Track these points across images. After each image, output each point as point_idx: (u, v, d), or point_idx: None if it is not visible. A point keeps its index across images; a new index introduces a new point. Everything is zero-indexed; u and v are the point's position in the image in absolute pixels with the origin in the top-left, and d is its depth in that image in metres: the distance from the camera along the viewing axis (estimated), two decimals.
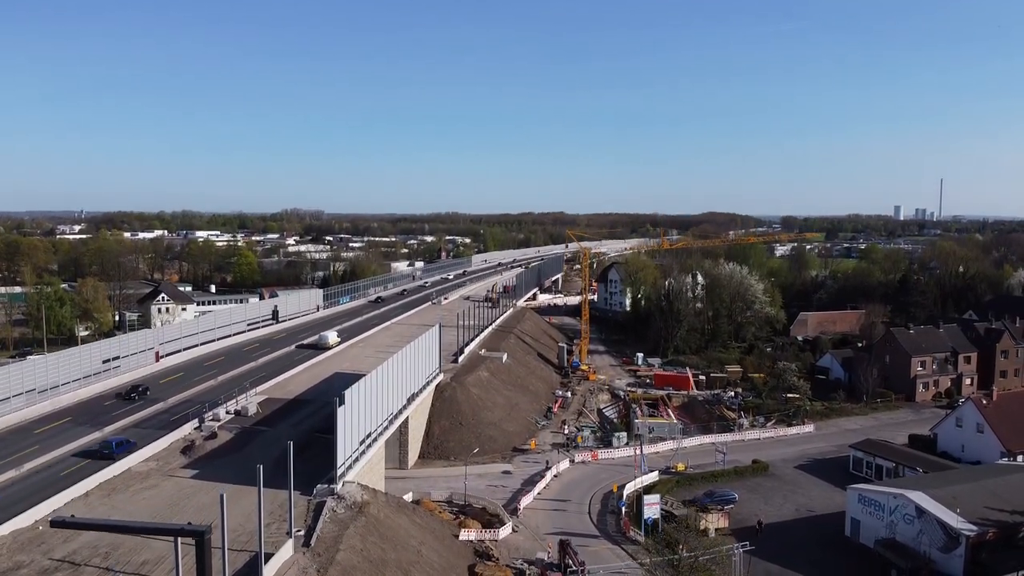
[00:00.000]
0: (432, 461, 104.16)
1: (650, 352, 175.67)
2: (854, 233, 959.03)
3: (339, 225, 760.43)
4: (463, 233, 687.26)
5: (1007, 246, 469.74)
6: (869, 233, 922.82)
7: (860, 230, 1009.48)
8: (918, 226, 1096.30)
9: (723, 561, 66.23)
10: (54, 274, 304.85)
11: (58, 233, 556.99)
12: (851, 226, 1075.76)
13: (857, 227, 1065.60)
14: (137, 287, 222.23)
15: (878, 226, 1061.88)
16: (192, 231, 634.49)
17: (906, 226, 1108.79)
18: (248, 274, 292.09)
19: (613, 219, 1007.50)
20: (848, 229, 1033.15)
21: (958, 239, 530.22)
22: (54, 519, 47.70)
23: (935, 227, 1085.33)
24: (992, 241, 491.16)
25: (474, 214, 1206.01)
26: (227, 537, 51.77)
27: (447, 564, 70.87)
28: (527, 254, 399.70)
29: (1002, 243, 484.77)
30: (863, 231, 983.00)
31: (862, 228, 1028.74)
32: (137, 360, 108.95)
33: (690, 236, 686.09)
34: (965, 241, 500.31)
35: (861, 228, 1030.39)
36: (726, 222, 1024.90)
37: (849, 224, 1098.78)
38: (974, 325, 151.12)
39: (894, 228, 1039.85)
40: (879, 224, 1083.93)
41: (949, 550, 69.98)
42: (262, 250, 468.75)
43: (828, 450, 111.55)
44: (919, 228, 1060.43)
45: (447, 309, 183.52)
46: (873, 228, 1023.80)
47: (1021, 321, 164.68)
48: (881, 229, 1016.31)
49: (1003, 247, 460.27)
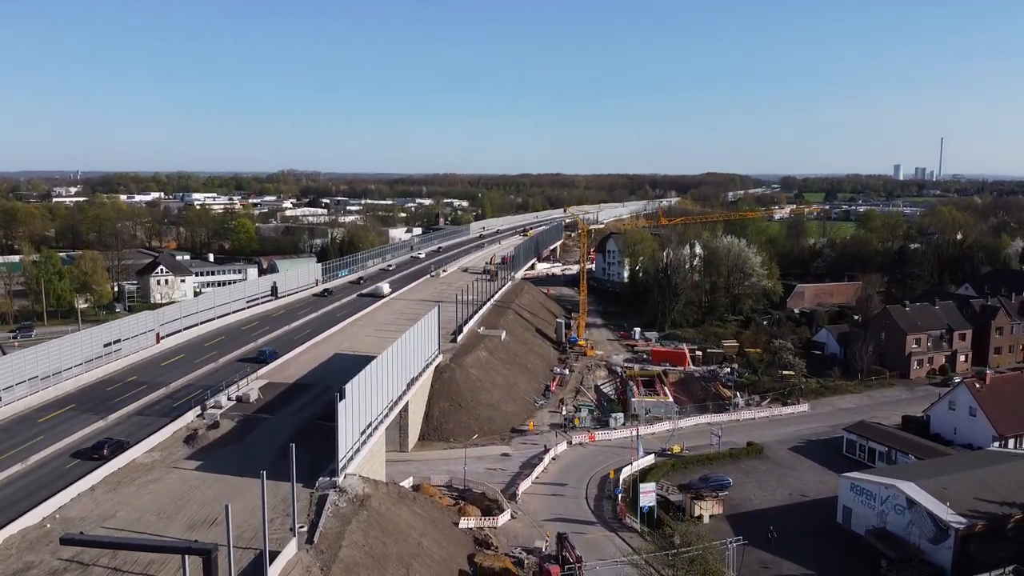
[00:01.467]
0: (432, 443, 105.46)
1: (647, 325, 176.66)
2: (853, 194, 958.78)
3: (336, 187, 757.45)
4: (460, 196, 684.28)
5: (1006, 210, 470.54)
6: (868, 194, 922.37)
7: (859, 191, 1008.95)
8: (917, 186, 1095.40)
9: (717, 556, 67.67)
10: (51, 242, 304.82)
11: (54, 196, 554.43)
12: (850, 186, 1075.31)
13: (856, 187, 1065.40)
14: (135, 257, 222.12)
15: (877, 186, 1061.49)
16: (189, 193, 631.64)
17: (905, 186, 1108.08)
18: (246, 242, 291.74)
19: (612, 180, 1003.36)
20: (847, 190, 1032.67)
21: (956, 202, 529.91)
22: (64, 537, 48.67)
23: (934, 187, 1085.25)
24: (991, 205, 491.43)
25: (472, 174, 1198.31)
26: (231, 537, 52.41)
27: (447, 555, 72.35)
28: (525, 220, 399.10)
29: (1000, 207, 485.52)
30: (862, 192, 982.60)
31: (861, 189, 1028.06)
32: (138, 342, 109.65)
33: (689, 198, 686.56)
34: (963, 205, 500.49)
35: (860, 189, 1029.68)
36: (725, 182, 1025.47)
37: (848, 184, 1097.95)
38: (970, 302, 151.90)
39: (893, 189, 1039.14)
40: (878, 184, 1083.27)
41: (938, 541, 71.51)
42: (259, 214, 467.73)
43: (822, 431, 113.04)
44: (918, 188, 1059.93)
45: (445, 282, 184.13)
46: (872, 189, 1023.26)
47: (1017, 296, 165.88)
48: (880, 190, 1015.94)
49: (1001, 211, 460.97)
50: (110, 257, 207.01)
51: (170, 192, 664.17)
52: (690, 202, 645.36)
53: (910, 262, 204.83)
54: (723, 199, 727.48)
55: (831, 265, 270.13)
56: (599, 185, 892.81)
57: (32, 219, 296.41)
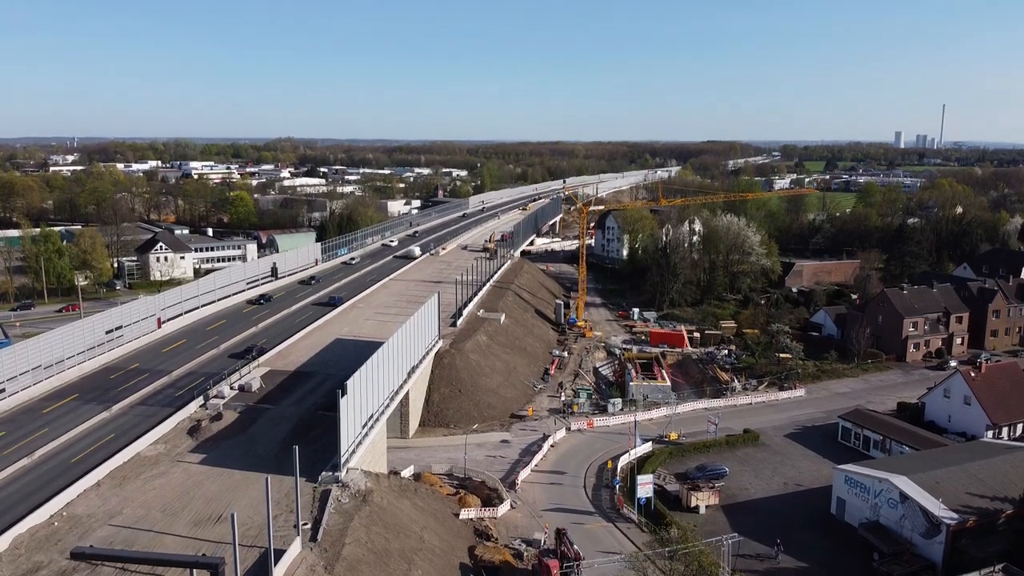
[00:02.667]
0: (432, 429, 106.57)
1: (646, 304, 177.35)
2: (854, 162, 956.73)
3: (334, 156, 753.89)
4: (459, 165, 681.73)
5: (1006, 181, 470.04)
6: (869, 163, 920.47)
7: (860, 159, 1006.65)
8: (918, 155, 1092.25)
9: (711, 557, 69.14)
10: (49, 215, 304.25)
11: (51, 164, 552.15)
12: (851, 154, 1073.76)
13: (857, 156, 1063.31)
14: (134, 233, 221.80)
15: (878, 155, 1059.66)
16: (186, 162, 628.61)
17: (906, 155, 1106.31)
18: (245, 216, 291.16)
19: (611, 149, 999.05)
20: (848, 158, 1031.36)
21: (957, 173, 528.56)
22: (74, 551, 49.58)
23: (935, 156, 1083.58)
24: (990, 177, 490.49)
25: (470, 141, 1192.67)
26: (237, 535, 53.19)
27: (448, 548, 73.66)
28: (524, 192, 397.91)
29: (1000, 178, 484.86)
30: (863, 160, 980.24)
31: (862, 157, 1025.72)
32: (140, 328, 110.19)
33: (689, 168, 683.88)
34: (963, 176, 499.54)
35: (861, 157, 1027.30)
36: (725, 151, 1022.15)
37: (849, 152, 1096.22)
38: (967, 285, 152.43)
39: (894, 157, 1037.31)
40: (879, 153, 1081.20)
41: (930, 536, 72.87)
42: (257, 184, 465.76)
43: (818, 417, 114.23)
44: (919, 157, 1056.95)
45: (444, 261, 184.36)
46: (873, 157, 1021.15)
47: (1015, 277, 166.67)
48: (881, 158, 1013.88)
49: (1001, 182, 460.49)
50: (109, 233, 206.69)
51: (167, 161, 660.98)
52: (690, 172, 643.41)
53: (909, 240, 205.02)
54: (723, 168, 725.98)
55: (830, 241, 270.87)
56: (599, 154, 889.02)
57: (30, 192, 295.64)
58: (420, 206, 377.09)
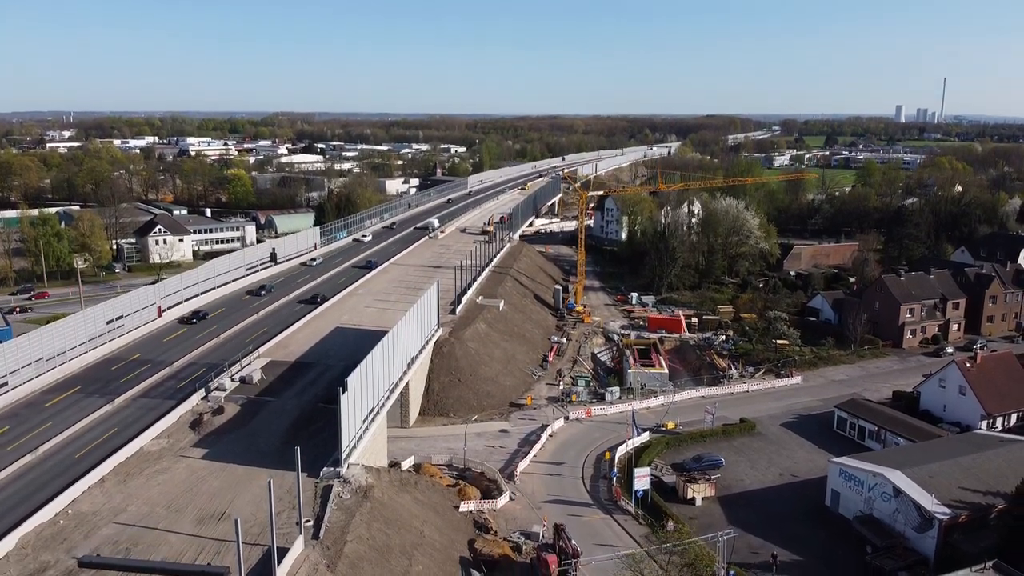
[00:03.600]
0: (432, 418, 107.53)
1: (644, 288, 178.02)
2: (854, 137, 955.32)
3: (331, 131, 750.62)
4: (458, 141, 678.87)
5: (1005, 158, 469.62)
6: (869, 138, 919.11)
7: (860, 134, 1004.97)
8: (919, 130, 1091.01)
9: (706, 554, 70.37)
10: (47, 194, 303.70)
11: (47, 141, 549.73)
12: (851, 129, 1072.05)
13: (857, 130, 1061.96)
14: (133, 214, 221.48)
15: (878, 130, 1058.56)
16: (183, 138, 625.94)
17: (906, 129, 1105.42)
18: (243, 195, 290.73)
19: (611, 124, 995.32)
20: (848, 133, 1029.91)
21: (956, 149, 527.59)
22: (82, 559, 50.43)
23: (935, 130, 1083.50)
24: (990, 154, 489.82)
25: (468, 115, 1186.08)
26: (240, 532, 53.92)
27: (448, 542, 74.80)
28: (523, 170, 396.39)
29: (1000, 155, 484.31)
30: (863, 135, 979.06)
31: (862, 132, 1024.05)
32: (140, 317, 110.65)
33: (689, 144, 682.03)
34: (963, 153, 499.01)
35: (861, 132, 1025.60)
36: (725, 125, 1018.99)
37: (849, 127, 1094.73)
38: (965, 270, 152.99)
39: (894, 132, 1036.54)
40: (879, 128, 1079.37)
41: (923, 531, 74.04)
42: (254, 160, 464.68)
43: (814, 405, 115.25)
44: (919, 132, 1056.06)
45: (443, 245, 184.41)
46: (873, 132, 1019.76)
47: (1012, 261, 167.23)
48: (881, 133, 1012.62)
49: (1001, 160, 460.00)
50: (107, 215, 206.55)
51: (164, 137, 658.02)
52: (690, 148, 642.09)
53: (907, 223, 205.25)
54: (723, 144, 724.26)
55: (829, 221, 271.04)
56: (598, 129, 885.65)
57: (27, 172, 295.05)
58: (419, 185, 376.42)
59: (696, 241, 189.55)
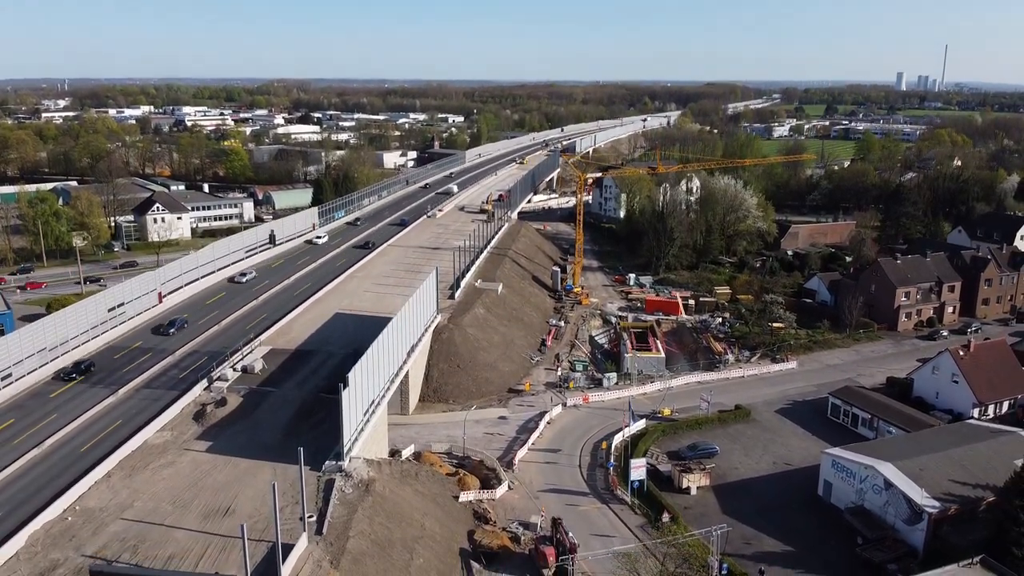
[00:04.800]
0: (432, 405, 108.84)
1: (642, 268, 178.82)
2: (854, 106, 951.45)
3: (328, 100, 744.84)
4: (455, 111, 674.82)
5: (1005, 129, 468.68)
6: (869, 107, 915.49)
7: (861, 103, 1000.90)
8: (919, 98, 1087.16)
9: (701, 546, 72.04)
10: (43, 167, 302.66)
11: (43, 111, 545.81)
12: (851, 97, 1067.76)
13: (858, 99, 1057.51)
14: (130, 191, 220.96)
15: (879, 98, 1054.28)
16: (179, 107, 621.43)
17: (907, 98, 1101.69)
18: (240, 170, 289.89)
19: (610, 91, 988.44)
20: (848, 101, 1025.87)
21: (956, 120, 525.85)
22: (93, 568, 51.74)
23: (936, 99, 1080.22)
24: (990, 126, 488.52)
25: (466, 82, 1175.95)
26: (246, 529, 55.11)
27: (448, 533, 76.39)
28: (522, 143, 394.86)
29: (1000, 126, 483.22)
30: (863, 104, 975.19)
31: (863, 101, 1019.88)
32: (141, 304, 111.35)
33: (689, 114, 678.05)
34: (963, 124, 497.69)
35: (862, 101, 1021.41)
36: (725, 94, 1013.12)
37: (850, 95, 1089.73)
38: (961, 253, 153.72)
39: (895, 100, 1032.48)
40: (880, 96, 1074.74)
41: (913, 523, 75.68)
42: (251, 132, 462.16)
43: (808, 391, 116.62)
44: (920, 100, 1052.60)
45: (442, 224, 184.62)
46: (873, 101, 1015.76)
47: (1008, 244, 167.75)
48: (882, 102, 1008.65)
49: (1000, 132, 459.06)
50: (105, 192, 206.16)
51: (160, 106, 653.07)
52: (689, 119, 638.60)
53: (905, 201, 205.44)
54: (723, 114, 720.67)
55: (827, 197, 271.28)
56: (597, 98, 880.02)
57: (23, 145, 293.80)
58: (416, 158, 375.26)
59: (694, 220, 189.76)
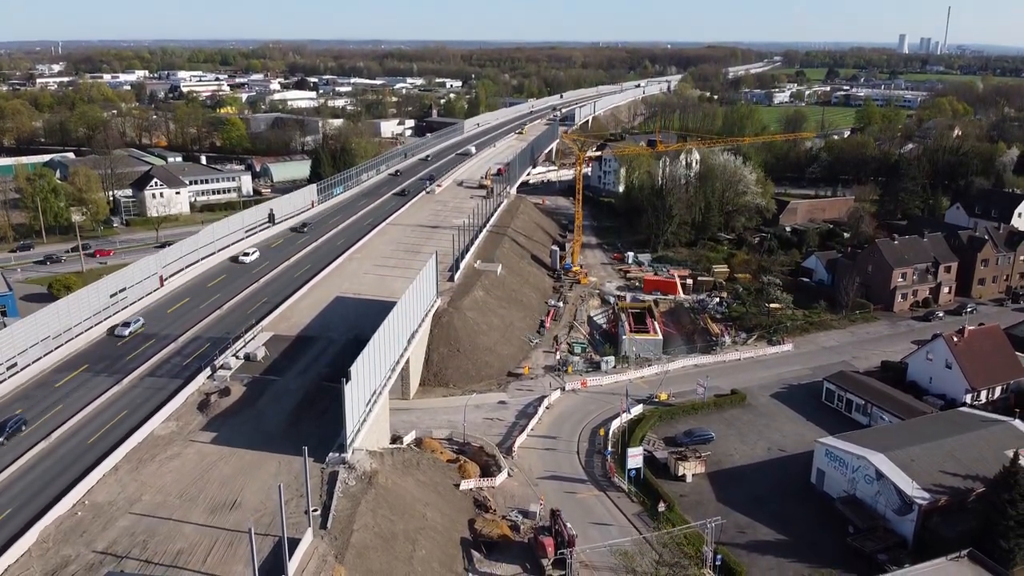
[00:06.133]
0: (432, 389, 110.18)
1: (641, 245, 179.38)
2: (856, 70, 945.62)
3: (324, 64, 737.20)
4: (453, 75, 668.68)
5: (1006, 97, 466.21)
6: (871, 71, 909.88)
7: (862, 66, 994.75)
8: (921, 61, 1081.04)
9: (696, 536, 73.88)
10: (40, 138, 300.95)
11: (37, 76, 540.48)
12: (853, 61, 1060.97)
13: (860, 62, 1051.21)
14: (128, 164, 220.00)
15: (880, 61, 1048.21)
16: (173, 71, 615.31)
17: (909, 61, 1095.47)
18: (237, 140, 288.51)
19: (610, 54, 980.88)
20: (850, 64, 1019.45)
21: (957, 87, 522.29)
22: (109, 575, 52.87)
23: (938, 62, 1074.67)
24: (991, 92, 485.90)
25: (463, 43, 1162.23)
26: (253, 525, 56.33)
27: (449, 523, 78.15)
28: (520, 110, 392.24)
29: (1001, 94, 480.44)
30: (865, 67, 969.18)
31: (864, 64, 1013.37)
32: (143, 288, 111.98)
33: (689, 79, 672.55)
34: (964, 90, 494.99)
35: (863, 64, 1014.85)
36: (726, 57, 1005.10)
37: (852, 58, 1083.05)
38: (958, 233, 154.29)
39: (896, 63, 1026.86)
40: (882, 59, 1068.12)
41: (903, 514, 77.50)
42: (247, 98, 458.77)
43: (804, 374, 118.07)
44: (922, 64, 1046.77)
45: (440, 201, 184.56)
46: (875, 64, 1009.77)
47: (1006, 223, 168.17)
48: (884, 65, 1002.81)
49: (1001, 99, 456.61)
50: (103, 165, 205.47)
51: (155, 70, 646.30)
52: (690, 84, 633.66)
53: (904, 177, 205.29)
54: (723, 78, 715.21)
55: (827, 170, 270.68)
56: (597, 61, 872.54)
57: (19, 116, 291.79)
58: (414, 127, 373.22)
59: (693, 195, 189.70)
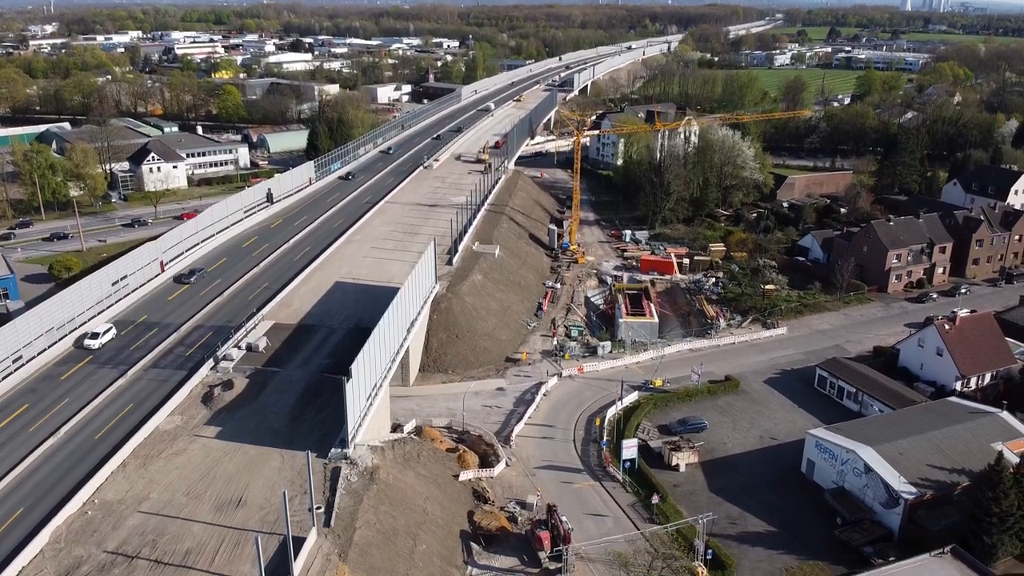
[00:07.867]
0: (431, 375, 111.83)
1: (638, 222, 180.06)
2: (858, 29, 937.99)
3: (319, 23, 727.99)
4: (450, 35, 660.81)
5: (1007, 60, 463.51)
6: (873, 31, 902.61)
7: (864, 25, 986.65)
8: (924, 20, 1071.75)
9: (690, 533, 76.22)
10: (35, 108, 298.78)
11: (30, 37, 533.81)
12: (855, 19, 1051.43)
13: (862, 20, 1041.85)
14: (125, 135, 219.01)
15: (883, 20, 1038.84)
16: (167, 32, 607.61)
17: (911, 19, 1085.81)
18: (233, 109, 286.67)
19: (609, 12, 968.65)
20: (852, 23, 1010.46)
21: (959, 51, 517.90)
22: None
23: (941, 20, 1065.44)
24: (992, 57, 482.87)
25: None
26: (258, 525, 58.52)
27: (449, 516, 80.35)
28: (519, 75, 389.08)
29: (1003, 57, 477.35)
30: (867, 26, 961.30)
31: (866, 23, 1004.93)
32: (144, 274, 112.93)
33: (690, 40, 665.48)
34: (965, 54, 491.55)
35: (865, 23, 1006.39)
36: (727, 16, 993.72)
37: (853, 17, 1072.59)
38: (953, 213, 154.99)
39: (899, 23, 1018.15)
40: (884, 18, 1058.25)
41: (889, 507, 79.80)
42: (242, 61, 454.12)
43: (797, 359, 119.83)
44: (924, 23, 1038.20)
45: (438, 177, 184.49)
46: (877, 23, 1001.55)
47: (1002, 201, 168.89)
48: (885, 24, 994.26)
49: (1003, 62, 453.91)
50: (99, 136, 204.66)
51: (148, 30, 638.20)
52: (690, 45, 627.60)
53: (902, 151, 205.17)
54: (724, 38, 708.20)
55: (825, 140, 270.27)
56: (596, 20, 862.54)
57: (13, 84, 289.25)
58: (411, 92, 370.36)
59: (691, 170, 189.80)
